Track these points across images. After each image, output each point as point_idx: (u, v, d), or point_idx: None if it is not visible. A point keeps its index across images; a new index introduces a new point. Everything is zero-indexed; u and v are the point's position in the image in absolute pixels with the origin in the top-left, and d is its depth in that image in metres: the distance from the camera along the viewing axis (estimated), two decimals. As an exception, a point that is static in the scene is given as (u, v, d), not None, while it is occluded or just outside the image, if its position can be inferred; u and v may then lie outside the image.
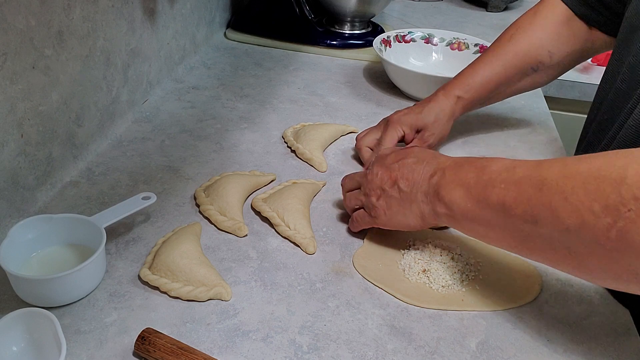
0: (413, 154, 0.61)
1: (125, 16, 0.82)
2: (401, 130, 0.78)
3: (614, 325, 0.57)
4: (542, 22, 0.78)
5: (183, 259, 0.59)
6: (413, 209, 0.59)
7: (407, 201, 0.59)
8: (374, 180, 0.62)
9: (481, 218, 0.52)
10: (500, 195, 0.49)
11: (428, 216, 0.58)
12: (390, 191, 0.60)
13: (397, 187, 0.60)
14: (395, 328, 0.56)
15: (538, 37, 0.78)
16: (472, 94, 0.79)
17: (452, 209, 0.54)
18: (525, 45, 0.78)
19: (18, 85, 0.61)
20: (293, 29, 1.17)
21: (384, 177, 0.61)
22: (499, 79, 0.79)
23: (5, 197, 0.63)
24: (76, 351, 0.51)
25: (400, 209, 0.60)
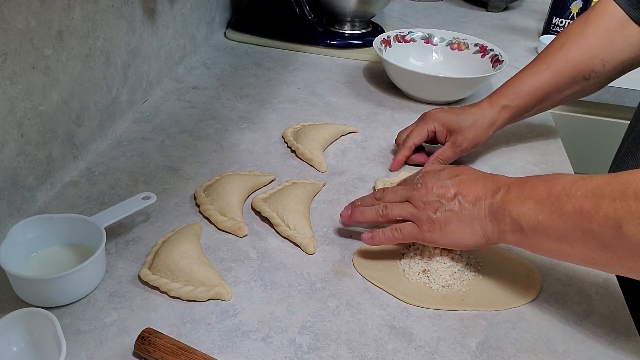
0: (467, 172, 0.60)
1: (125, 16, 0.82)
2: (432, 125, 0.77)
3: (614, 325, 0.57)
4: (594, 29, 0.75)
5: (183, 259, 0.59)
6: (474, 227, 0.56)
7: (468, 217, 0.57)
8: (429, 194, 0.59)
9: (555, 230, 0.50)
10: (577, 203, 0.48)
11: (492, 234, 0.56)
12: (450, 205, 0.57)
13: (458, 202, 0.57)
14: (395, 328, 0.56)
15: (590, 46, 0.75)
16: (519, 102, 0.77)
17: (521, 224, 0.52)
18: (577, 53, 0.76)
19: (18, 85, 0.61)
20: (293, 29, 1.17)
21: (442, 191, 0.58)
22: (547, 88, 0.77)
23: (5, 197, 0.63)
24: (76, 351, 0.51)
25: (460, 225, 0.57)
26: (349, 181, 0.78)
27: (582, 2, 1.24)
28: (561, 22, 1.27)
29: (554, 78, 0.76)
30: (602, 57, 0.75)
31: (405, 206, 0.60)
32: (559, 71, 0.76)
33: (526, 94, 0.77)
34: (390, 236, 0.61)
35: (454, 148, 0.77)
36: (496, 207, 0.55)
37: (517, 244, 0.55)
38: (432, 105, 0.99)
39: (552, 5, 1.28)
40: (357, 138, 0.89)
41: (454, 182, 0.58)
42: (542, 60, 0.78)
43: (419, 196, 0.59)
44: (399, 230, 0.60)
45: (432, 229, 0.58)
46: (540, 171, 0.83)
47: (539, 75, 0.77)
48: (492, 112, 0.77)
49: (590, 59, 0.75)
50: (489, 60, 1.04)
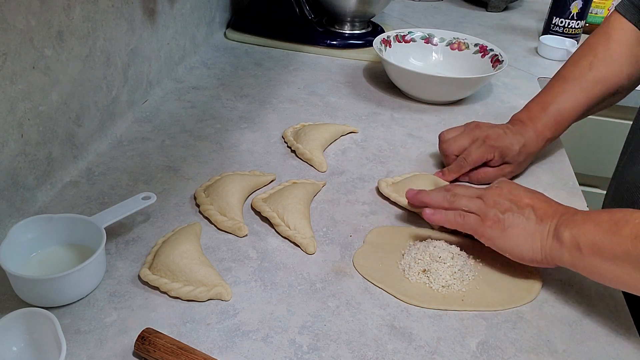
0: (543, 194, 0.62)
1: (125, 16, 0.82)
2: (493, 155, 0.76)
3: (614, 325, 0.57)
4: (618, 47, 0.77)
5: (183, 259, 0.59)
6: (535, 241, 0.58)
7: (532, 230, 0.58)
8: (503, 195, 0.60)
9: (609, 251, 0.52)
10: (634, 228, 0.50)
11: (549, 252, 0.57)
12: (521, 211, 0.59)
13: (528, 213, 0.59)
14: (395, 328, 0.56)
15: (618, 63, 0.77)
16: (560, 130, 0.79)
17: (579, 243, 0.54)
18: (607, 72, 0.77)
19: (18, 85, 0.61)
20: (293, 29, 1.17)
21: (516, 198, 0.60)
22: (582, 109, 0.78)
23: (5, 197, 0.63)
24: (76, 351, 0.51)
25: (523, 233, 0.58)
26: (349, 181, 0.78)
27: (582, 2, 1.24)
28: (561, 22, 1.27)
29: (587, 99, 0.78)
30: (629, 72, 0.77)
31: (475, 200, 0.62)
32: (592, 92, 0.78)
33: (566, 120, 0.79)
34: (452, 219, 0.62)
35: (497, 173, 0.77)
36: (560, 226, 0.56)
37: (573, 265, 0.56)
38: (432, 105, 0.99)
39: (552, 5, 1.28)
40: (357, 138, 0.89)
41: (528, 195, 0.60)
42: (575, 81, 0.78)
43: (491, 195, 0.61)
44: (462, 217, 0.62)
45: (495, 226, 0.59)
46: (540, 171, 0.82)
47: (574, 98, 0.78)
48: (538, 143, 0.78)
49: (618, 76, 0.77)
50: (489, 60, 1.04)
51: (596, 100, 0.78)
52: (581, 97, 0.78)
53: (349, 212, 0.72)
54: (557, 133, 0.79)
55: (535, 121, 0.78)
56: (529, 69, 1.17)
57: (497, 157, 0.76)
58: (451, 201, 0.63)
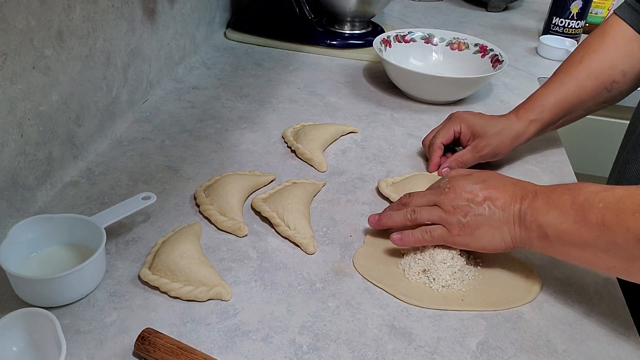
0: (494, 177, 0.61)
1: (125, 16, 0.82)
2: (459, 126, 0.78)
3: (614, 325, 0.57)
4: (613, 41, 0.77)
5: (183, 259, 0.59)
6: (504, 231, 0.58)
7: (497, 222, 0.58)
8: (458, 198, 0.59)
9: (579, 239, 0.52)
10: (599, 214, 0.50)
11: (519, 239, 0.57)
12: (479, 209, 0.58)
13: (487, 207, 0.58)
14: (395, 328, 0.56)
15: (611, 57, 0.77)
16: (546, 115, 0.78)
17: (547, 232, 0.54)
18: (598, 65, 0.77)
19: (18, 85, 0.61)
20: (293, 29, 1.17)
21: (470, 195, 0.59)
22: (572, 100, 0.78)
23: (5, 197, 0.63)
24: (76, 351, 0.51)
25: (490, 229, 0.58)
26: (349, 181, 0.78)
27: (582, 2, 1.24)
28: (561, 22, 1.27)
29: (578, 90, 0.77)
30: (622, 67, 0.77)
31: (434, 210, 0.61)
32: (582, 83, 0.77)
33: (552, 106, 0.78)
34: (420, 238, 0.61)
35: (474, 152, 0.77)
36: (524, 213, 0.56)
37: (543, 250, 0.56)
38: (432, 105, 0.99)
39: (552, 5, 1.28)
40: (357, 138, 0.89)
41: (482, 186, 0.59)
42: (565, 72, 0.79)
43: (447, 200, 0.60)
44: (428, 233, 0.61)
45: (462, 232, 0.59)
46: (540, 171, 0.83)
47: (563, 88, 0.78)
48: (519, 125, 0.78)
49: (611, 69, 0.77)
50: (489, 60, 1.04)
51: (589, 92, 0.78)
52: (570, 86, 0.77)
53: (349, 212, 0.72)
54: (543, 116, 0.78)
55: (519, 108, 0.80)
56: (529, 69, 1.17)
57: (464, 129, 0.77)
58: (412, 219, 0.62)
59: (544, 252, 0.57)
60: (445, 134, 0.79)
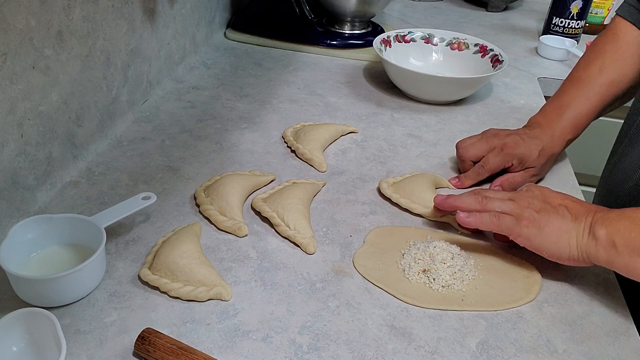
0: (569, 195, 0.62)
1: (125, 16, 0.82)
2: (511, 163, 0.76)
3: (614, 325, 0.57)
4: (628, 47, 0.78)
5: (183, 259, 0.59)
6: (571, 239, 0.58)
7: (567, 227, 0.58)
8: (535, 197, 0.61)
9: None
10: None
11: (586, 250, 0.57)
12: (555, 210, 0.59)
13: (564, 209, 0.59)
14: (395, 328, 0.56)
15: (629, 66, 0.78)
16: (578, 132, 0.79)
17: (614, 240, 0.54)
18: (617, 75, 0.78)
19: (18, 85, 0.61)
20: (293, 29, 1.17)
21: (547, 198, 0.60)
22: (597, 112, 0.79)
23: (5, 197, 0.63)
24: (76, 351, 0.51)
25: (559, 231, 0.58)
26: (349, 181, 0.78)
27: (582, 2, 1.24)
28: (561, 22, 1.27)
29: (602, 102, 0.79)
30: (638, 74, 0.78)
31: (507, 202, 0.62)
32: (605, 95, 0.78)
33: (584, 124, 0.79)
34: (488, 221, 0.61)
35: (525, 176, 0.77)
36: (594, 222, 0.57)
37: (610, 263, 0.56)
38: (432, 105, 0.99)
39: (552, 5, 1.28)
40: (357, 138, 0.89)
41: (560, 195, 0.61)
42: (588, 86, 0.79)
43: (523, 196, 0.61)
44: (497, 217, 0.61)
45: (531, 225, 0.59)
46: (540, 171, 0.83)
47: (589, 103, 0.78)
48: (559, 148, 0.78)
49: (629, 76, 0.78)
50: (489, 60, 1.04)
51: (609, 102, 0.79)
52: (595, 100, 0.78)
53: (349, 212, 0.72)
54: (576, 134, 0.79)
55: (552, 124, 0.79)
56: (529, 69, 1.17)
57: (516, 163, 0.76)
58: (483, 204, 0.62)
59: (611, 266, 0.56)
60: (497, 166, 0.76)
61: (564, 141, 0.79)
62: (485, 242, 0.67)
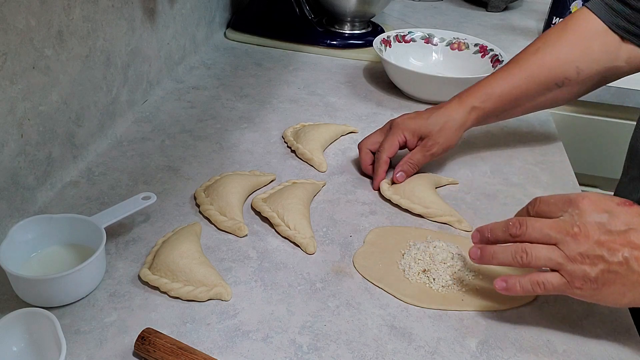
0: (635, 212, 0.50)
1: (125, 16, 0.82)
2: (403, 135, 0.75)
3: (614, 325, 0.57)
4: (572, 36, 0.74)
5: (183, 259, 0.59)
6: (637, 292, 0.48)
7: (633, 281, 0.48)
8: (589, 243, 0.49)
9: None
10: None
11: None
12: (615, 266, 0.48)
13: (627, 263, 0.48)
14: (395, 328, 0.56)
15: (566, 52, 0.74)
16: (489, 104, 0.75)
17: None
18: (552, 59, 0.74)
19: (18, 85, 0.61)
20: (293, 29, 1.17)
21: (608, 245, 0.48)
22: (519, 92, 0.75)
23: (5, 197, 0.63)
24: (76, 351, 0.51)
25: (622, 289, 0.49)
26: (349, 181, 0.78)
27: (582, 2, 1.24)
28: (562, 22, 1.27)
29: (527, 82, 0.75)
30: (578, 64, 0.73)
31: (552, 252, 0.50)
32: (532, 75, 0.75)
33: (497, 96, 0.75)
34: (530, 289, 0.52)
35: (424, 152, 0.75)
36: None
37: None
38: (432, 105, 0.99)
39: (552, 5, 1.28)
40: (357, 138, 0.88)
41: (625, 236, 0.48)
42: (516, 63, 0.77)
43: (574, 245, 0.49)
44: (542, 285, 0.51)
45: (586, 287, 0.49)
46: (540, 171, 0.82)
47: (511, 79, 0.75)
48: (461, 113, 0.75)
49: (565, 65, 0.74)
50: (489, 60, 1.04)
51: (538, 86, 0.75)
52: (520, 77, 0.75)
53: (349, 212, 0.72)
54: (487, 105, 0.75)
55: (462, 94, 0.77)
56: (529, 69, 1.17)
57: (409, 137, 0.75)
58: (524, 263, 0.51)
59: None
60: (390, 147, 0.75)
61: (469, 107, 0.75)
62: (485, 242, 0.67)
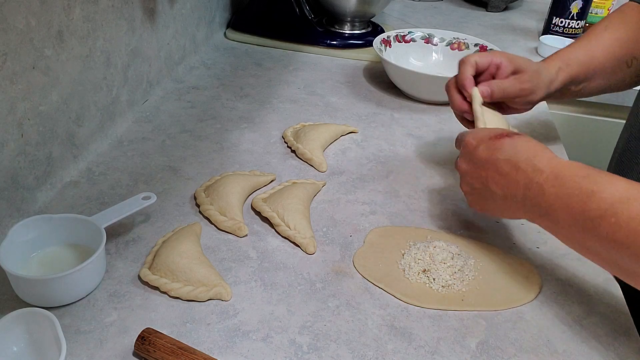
0: (504, 150, 0.58)
1: (125, 16, 0.82)
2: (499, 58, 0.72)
3: (614, 325, 0.57)
4: (632, 20, 0.77)
5: (183, 259, 0.59)
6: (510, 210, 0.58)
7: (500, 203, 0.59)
8: (463, 176, 0.63)
9: (587, 246, 0.51)
10: (611, 230, 0.47)
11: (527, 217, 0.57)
12: (482, 190, 0.60)
13: (489, 190, 0.59)
14: (395, 328, 0.56)
15: (633, 31, 0.77)
16: (574, 69, 0.76)
17: (557, 229, 0.54)
18: (622, 35, 0.77)
19: (18, 85, 0.61)
20: (293, 29, 1.17)
21: (473, 175, 0.61)
22: (597, 64, 0.77)
23: (5, 197, 0.63)
24: (76, 351, 0.51)
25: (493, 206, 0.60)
26: (349, 181, 0.78)
27: (582, 2, 1.24)
28: (561, 22, 1.27)
29: (603, 53, 0.77)
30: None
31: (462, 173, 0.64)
32: (607, 49, 0.77)
33: (579, 61, 0.76)
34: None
35: (516, 83, 0.72)
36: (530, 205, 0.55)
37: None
38: (432, 105, 0.99)
39: (552, 5, 1.28)
40: (357, 138, 0.89)
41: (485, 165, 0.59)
42: (590, 36, 0.79)
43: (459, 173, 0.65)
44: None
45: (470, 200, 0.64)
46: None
47: (590, 48, 0.77)
48: (551, 69, 0.76)
49: (633, 44, 0.77)
50: (489, 60, 1.03)
51: (612, 61, 0.77)
52: (597, 49, 0.77)
53: (349, 212, 0.72)
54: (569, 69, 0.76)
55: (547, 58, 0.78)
56: (529, 69, 1.17)
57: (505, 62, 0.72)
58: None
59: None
60: (482, 57, 0.72)
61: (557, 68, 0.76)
62: (485, 242, 0.67)
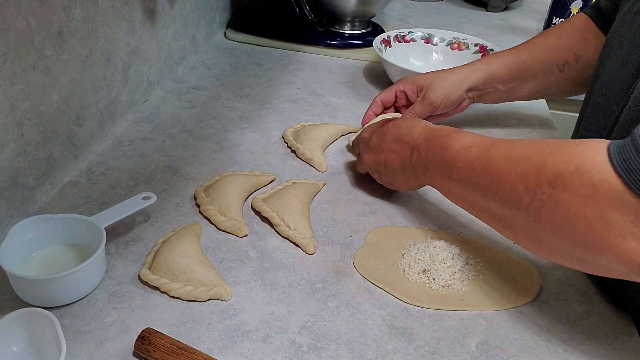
0: (390, 132, 0.68)
1: (125, 16, 0.82)
2: (401, 86, 0.82)
3: (614, 325, 0.57)
4: (570, 27, 0.81)
5: (183, 259, 0.59)
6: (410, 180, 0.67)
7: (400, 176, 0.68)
8: (369, 167, 0.71)
9: (453, 191, 0.60)
10: (460, 173, 0.56)
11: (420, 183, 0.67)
12: (385, 171, 0.69)
13: (391, 169, 0.68)
14: (395, 328, 0.56)
15: (566, 38, 0.80)
16: (493, 68, 0.81)
17: (433, 183, 0.63)
18: (555, 42, 0.80)
19: (18, 85, 0.61)
20: (293, 29, 1.17)
21: (374, 161, 0.70)
22: (523, 65, 0.81)
23: (5, 197, 0.63)
24: (76, 351, 0.51)
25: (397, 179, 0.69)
26: (349, 181, 0.78)
27: (582, 2, 1.24)
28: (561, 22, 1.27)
29: (530, 58, 0.81)
30: (576, 51, 0.79)
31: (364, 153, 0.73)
32: (536, 53, 0.81)
33: (501, 63, 0.81)
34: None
35: (423, 102, 0.80)
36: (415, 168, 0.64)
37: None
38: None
39: (552, 5, 1.28)
40: (357, 138, 0.88)
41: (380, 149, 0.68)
42: (521, 45, 0.83)
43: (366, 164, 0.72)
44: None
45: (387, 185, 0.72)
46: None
47: (517, 52, 0.82)
48: (463, 70, 0.81)
49: (565, 50, 0.80)
50: (489, 60, 1.04)
51: (541, 64, 0.80)
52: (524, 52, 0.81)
53: (349, 212, 0.72)
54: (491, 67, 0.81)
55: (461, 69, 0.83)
56: (529, 69, 1.17)
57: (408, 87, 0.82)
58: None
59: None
60: (386, 92, 0.83)
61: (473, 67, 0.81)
62: (485, 242, 0.67)
